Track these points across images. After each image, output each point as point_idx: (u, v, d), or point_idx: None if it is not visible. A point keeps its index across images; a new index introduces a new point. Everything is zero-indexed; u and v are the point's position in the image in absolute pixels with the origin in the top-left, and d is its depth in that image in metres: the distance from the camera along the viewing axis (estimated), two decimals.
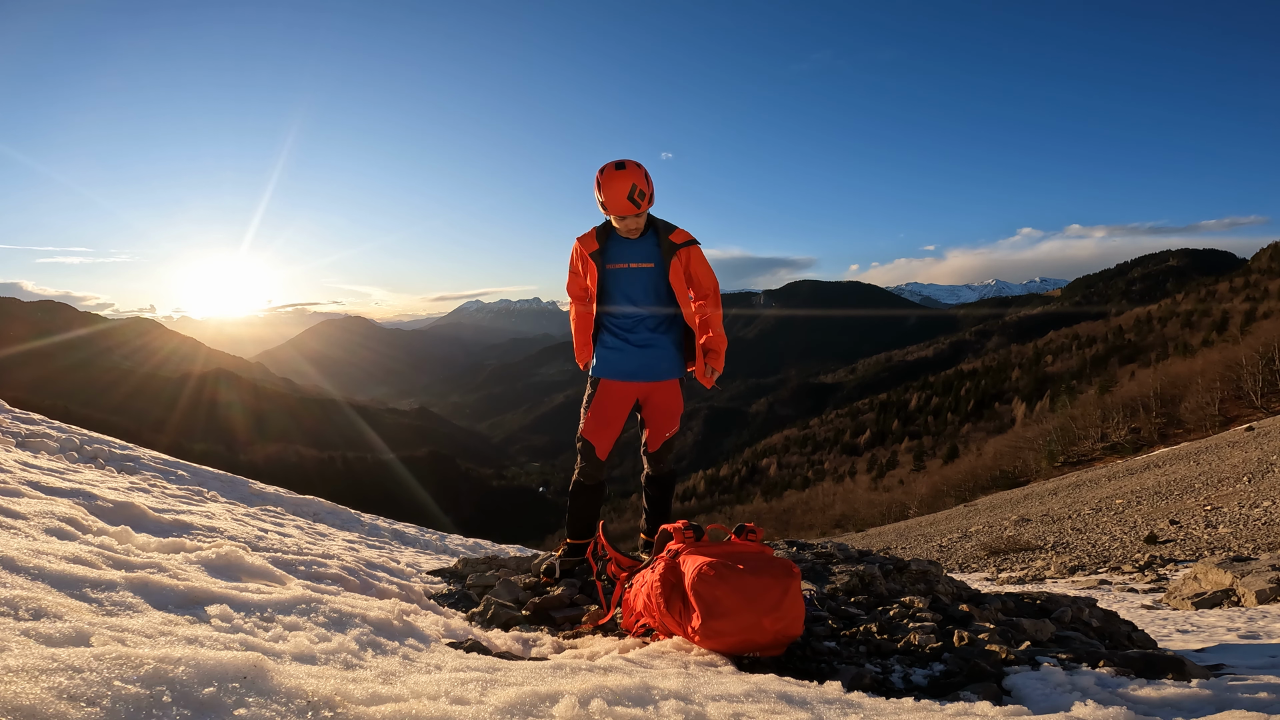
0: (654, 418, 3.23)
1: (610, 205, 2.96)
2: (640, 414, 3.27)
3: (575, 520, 3.29)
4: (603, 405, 3.16)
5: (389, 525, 6.21)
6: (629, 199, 2.94)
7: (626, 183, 2.93)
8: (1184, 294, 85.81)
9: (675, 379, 3.21)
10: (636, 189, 2.95)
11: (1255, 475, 17.58)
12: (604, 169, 2.96)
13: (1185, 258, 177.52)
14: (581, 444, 3.18)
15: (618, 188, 2.93)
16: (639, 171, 2.96)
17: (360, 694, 1.26)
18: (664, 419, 3.23)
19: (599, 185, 2.96)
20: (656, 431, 3.24)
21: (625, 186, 2.93)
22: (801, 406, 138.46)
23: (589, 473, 3.21)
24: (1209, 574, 6.92)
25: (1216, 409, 38.55)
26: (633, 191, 2.94)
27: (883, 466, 71.61)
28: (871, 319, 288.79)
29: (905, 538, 23.33)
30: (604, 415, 3.16)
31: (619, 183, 2.93)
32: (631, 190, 2.94)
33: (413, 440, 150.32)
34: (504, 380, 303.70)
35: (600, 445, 3.16)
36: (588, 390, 3.23)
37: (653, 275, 3.15)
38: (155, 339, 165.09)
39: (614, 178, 2.93)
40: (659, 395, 3.19)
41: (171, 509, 3.44)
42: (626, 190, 2.94)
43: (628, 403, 3.19)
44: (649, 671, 1.82)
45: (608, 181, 2.94)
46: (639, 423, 3.32)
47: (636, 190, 2.95)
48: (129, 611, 1.58)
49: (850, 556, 3.76)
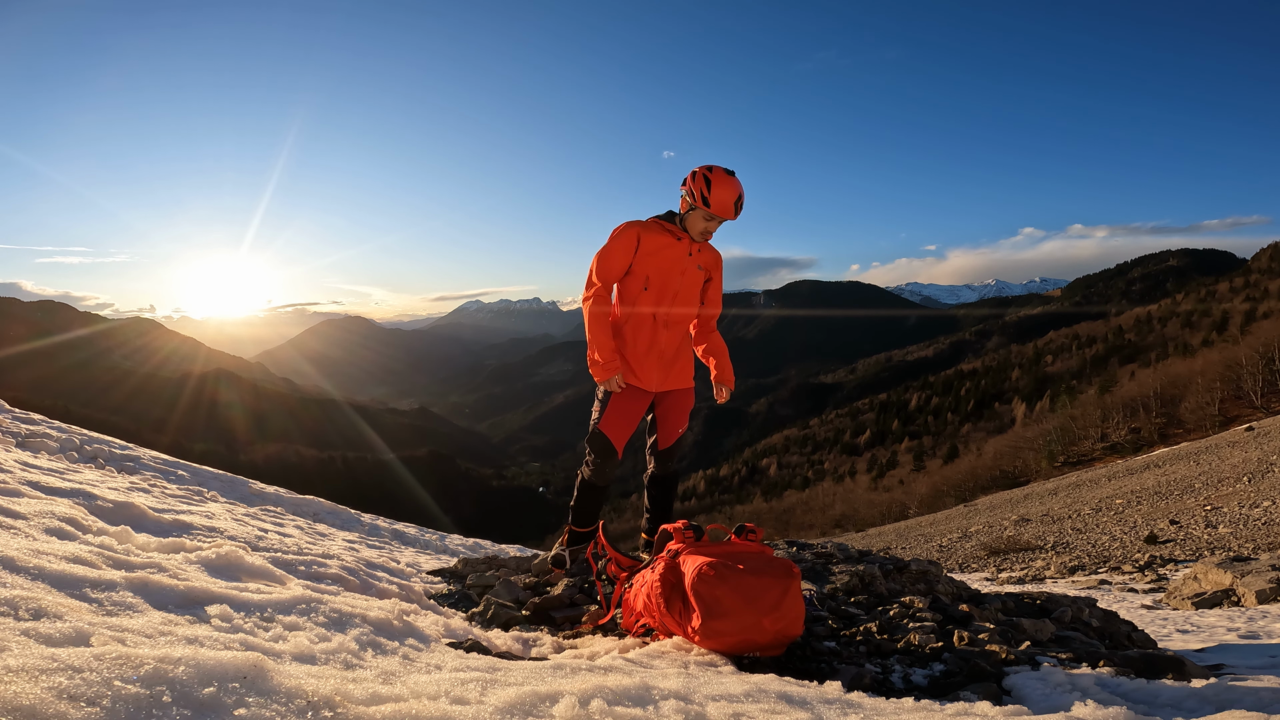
0: (669, 416, 3.20)
1: (716, 206, 2.91)
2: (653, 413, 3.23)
3: (581, 515, 3.23)
4: (625, 402, 3.07)
5: (389, 525, 6.21)
6: (734, 204, 2.94)
7: (736, 190, 2.93)
8: (1184, 294, 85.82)
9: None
10: (741, 199, 2.96)
11: (1255, 475, 17.58)
12: (713, 168, 2.94)
13: (1185, 258, 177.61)
14: (600, 441, 3.06)
15: (729, 192, 2.91)
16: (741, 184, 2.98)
17: (360, 694, 1.26)
18: (679, 417, 3.22)
19: (706, 181, 2.91)
20: (670, 430, 3.21)
21: (734, 193, 2.93)
22: (801, 406, 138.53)
23: (603, 472, 3.12)
24: (1209, 574, 6.92)
25: (1216, 409, 38.56)
26: (739, 200, 2.95)
27: (883, 466, 71.61)
28: (871, 319, 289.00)
29: (905, 538, 23.33)
30: (627, 412, 3.07)
31: (730, 188, 2.92)
32: (738, 199, 2.95)
33: (413, 440, 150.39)
34: (504, 380, 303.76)
35: (620, 443, 3.07)
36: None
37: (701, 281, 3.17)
38: (155, 339, 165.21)
39: (726, 181, 2.91)
40: (677, 394, 3.19)
41: (171, 509, 3.44)
42: (735, 197, 2.93)
43: (648, 401, 3.14)
44: (649, 671, 1.82)
45: (720, 182, 2.91)
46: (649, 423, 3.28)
47: (741, 200, 2.96)
48: (129, 611, 1.58)
49: (850, 556, 3.76)
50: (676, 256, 3.05)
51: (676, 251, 3.05)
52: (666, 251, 3.04)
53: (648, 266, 3.03)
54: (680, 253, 3.06)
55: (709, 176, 2.91)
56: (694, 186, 2.93)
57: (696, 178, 2.93)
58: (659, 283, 3.05)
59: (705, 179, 2.91)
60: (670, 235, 3.05)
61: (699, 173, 2.94)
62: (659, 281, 3.05)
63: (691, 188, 2.95)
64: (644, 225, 3.05)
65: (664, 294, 3.06)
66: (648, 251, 3.02)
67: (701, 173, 2.93)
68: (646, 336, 3.08)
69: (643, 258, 3.03)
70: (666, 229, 3.06)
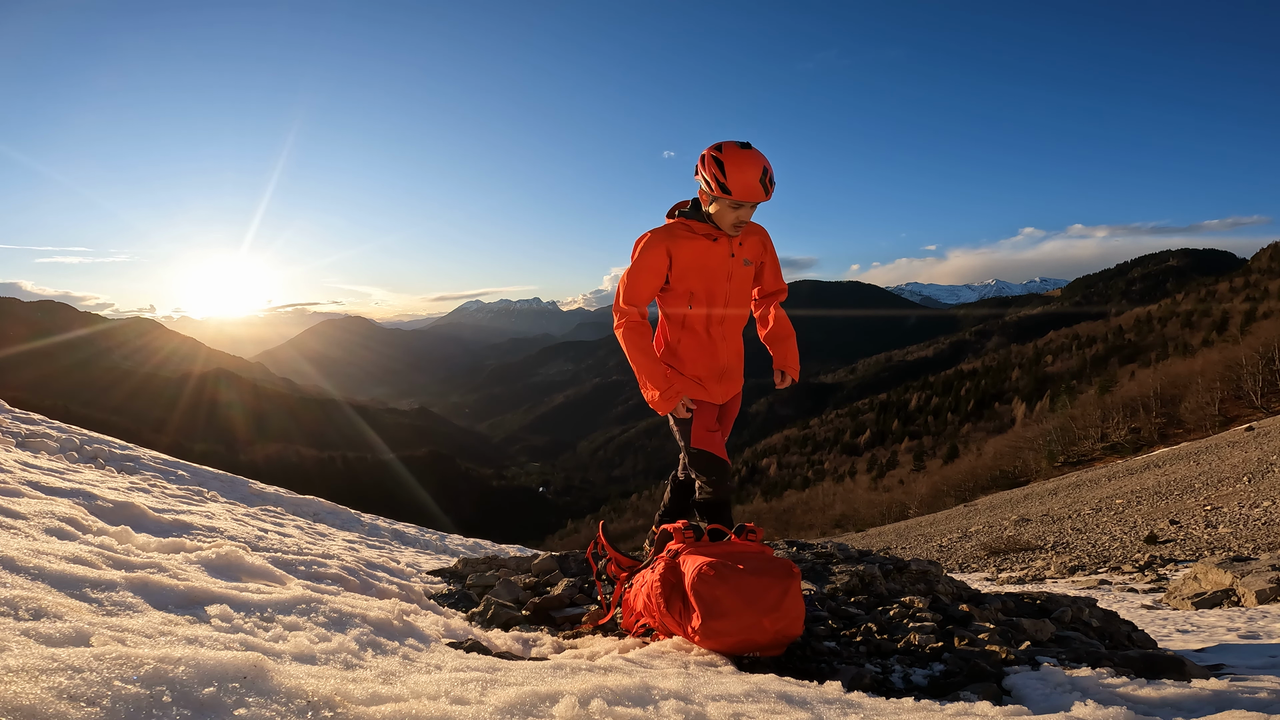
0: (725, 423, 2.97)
1: (737, 189, 2.42)
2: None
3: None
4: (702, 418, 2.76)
5: (389, 525, 6.21)
6: (761, 183, 2.44)
7: (759, 164, 2.42)
8: (1184, 294, 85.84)
9: None
10: (769, 173, 2.45)
11: (1255, 475, 17.58)
12: (723, 146, 2.45)
13: (1185, 258, 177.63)
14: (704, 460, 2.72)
15: (751, 170, 2.41)
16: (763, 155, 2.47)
17: (360, 694, 1.26)
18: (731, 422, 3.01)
19: (718, 164, 2.44)
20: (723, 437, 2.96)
21: (757, 169, 2.42)
22: (801, 406, 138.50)
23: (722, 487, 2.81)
24: (1209, 574, 6.92)
25: (1216, 409, 38.56)
26: (765, 175, 2.44)
27: (883, 466, 71.60)
28: (871, 319, 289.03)
29: (905, 538, 23.33)
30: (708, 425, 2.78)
31: (751, 164, 2.41)
32: (765, 174, 2.44)
33: (413, 440, 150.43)
34: (504, 380, 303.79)
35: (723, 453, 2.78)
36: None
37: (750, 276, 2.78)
38: (155, 339, 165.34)
39: (743, 158, 2.41)
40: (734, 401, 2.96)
41: (171, 509, 3.44)
42: (759, 173, 2.42)
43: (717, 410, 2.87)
44: (649, 671, 1.82)
45: (735, 162, 2.41)
46: None
47: (769, 174, 2.45)
48: (129, 611, 1.58)
49: (850, 556, 3.76)
50: (719, 260, 2.64)
51: (717, 255, 2.63)
52: (705, 258, 2.62)
53: (689, 280, 2.65)
54: (722, 254, 2.63)
55: (719, 158, 2.44)
56: (708, 174, 2.48)
57: (707, 162, 2.48)
58: (705, 294, 2.67)
59: (717, 161, 2.45)
60: (705, 238, 2.62)
61: (708, 155, 2.48)
62: (705, 293, 2.67)
63: (706, 176, 2.50)
64: (671, 234, 2.62)
65: (714, 304, 2.69)
66: (685, 264, 2.62)
67: (710, 155, 2.47)
68: (706, 353, 2.77)
69: (680, 272, 2.64)
70: (698, 231, 2.61)
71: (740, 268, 2.70)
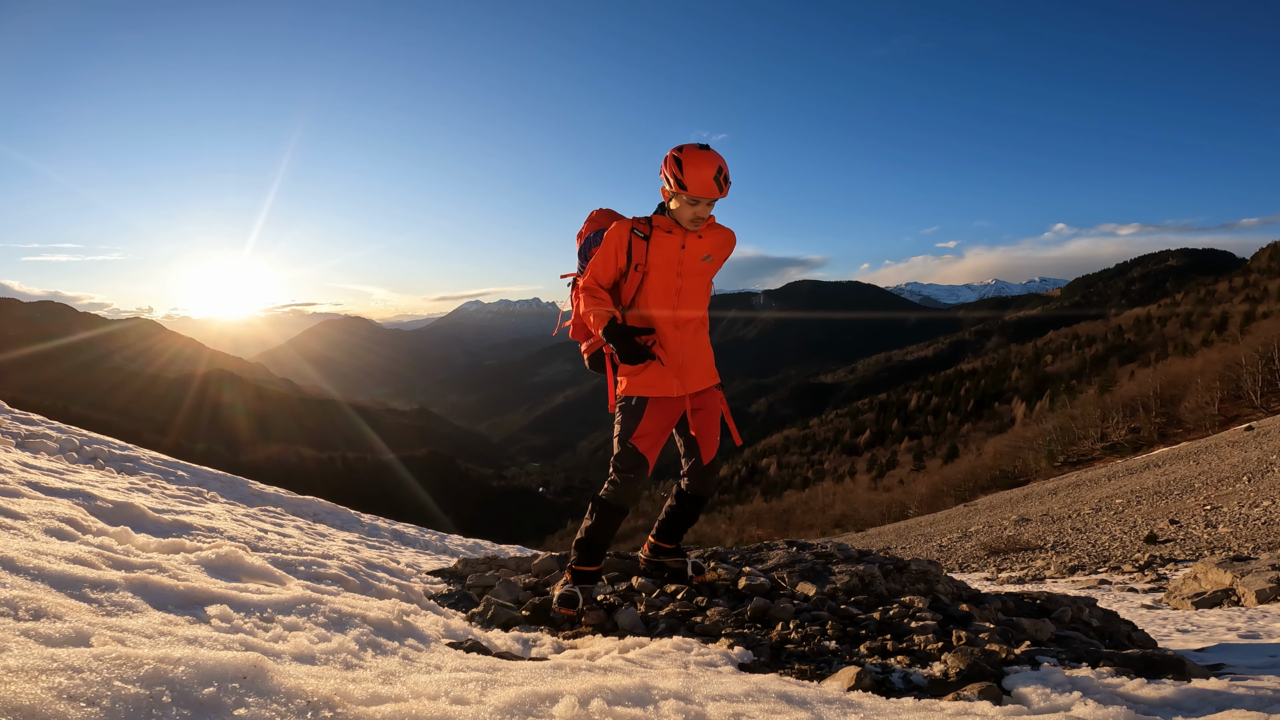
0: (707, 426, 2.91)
1: (694, 187, 2.62)
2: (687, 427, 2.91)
3: (591, 549, 2.82)
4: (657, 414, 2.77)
5: (389, 525, 6.21)
6: (715, 180, 2.64)
7: (714, 164, 2.64)
8: (1183, 294, 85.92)
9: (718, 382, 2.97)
10: (723, 172, 2.66)
11: (1255, 475, 17.58)
12: (683, 148, 2.66)
13: (1185, 257, 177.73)
14: (631, 456, 2.72)
15: (706, 168, 2.62)
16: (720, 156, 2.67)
17: (360, 694, 1.26)
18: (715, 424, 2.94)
19: (677, 163, 2.63)
20: (710, 441, 2.92)
21: (712, 168, 2.63)
22: (801, 406, 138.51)
23: (630, 491, 2.76)
24: (1209, 574, 6.92)
25: (1216, 409, 38.59)
26: (719, 174, 2.64)
27: (883, 466, 71.64)
28: (871, 319, 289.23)
29: (905, 538, 23.33)
30: (659, 425, 2.77)
31: (706, 163, 2.63)
32: (718, 172, 2.64)
33: (413, 440, 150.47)
34: (504, 380, 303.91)
35: (653, 457, 2.76)
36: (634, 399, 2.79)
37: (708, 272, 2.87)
38: (158, 341, 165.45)
39: (699, 157, 2.63)
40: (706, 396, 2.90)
41: (171, 509, 3.44)
42: (713, 171, 2.63)
43: (678, 410, 2.83)
44: (649, 671, 1.82)
45: (693, 160, 2.62)
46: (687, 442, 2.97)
47: (723, 173, 2.66)
48: (129, 612, 1.58)
49: (850, 556, 3.76)
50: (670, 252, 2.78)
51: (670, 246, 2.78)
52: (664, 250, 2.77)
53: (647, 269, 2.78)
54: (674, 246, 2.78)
55: (679, 157, 2.63)
56: (667, 172, 2.67)
57: (668, 161, 2.67)
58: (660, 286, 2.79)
59: (676, 160, 2.64)
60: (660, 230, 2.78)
61: (669, 155, 2.67)
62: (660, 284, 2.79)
63: (665, 174, 2.69)
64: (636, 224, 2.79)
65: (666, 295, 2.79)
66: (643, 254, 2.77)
67: (671, 155, 2.67)
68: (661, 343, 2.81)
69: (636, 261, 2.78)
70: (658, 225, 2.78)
71: (694, 262, 2.82)
